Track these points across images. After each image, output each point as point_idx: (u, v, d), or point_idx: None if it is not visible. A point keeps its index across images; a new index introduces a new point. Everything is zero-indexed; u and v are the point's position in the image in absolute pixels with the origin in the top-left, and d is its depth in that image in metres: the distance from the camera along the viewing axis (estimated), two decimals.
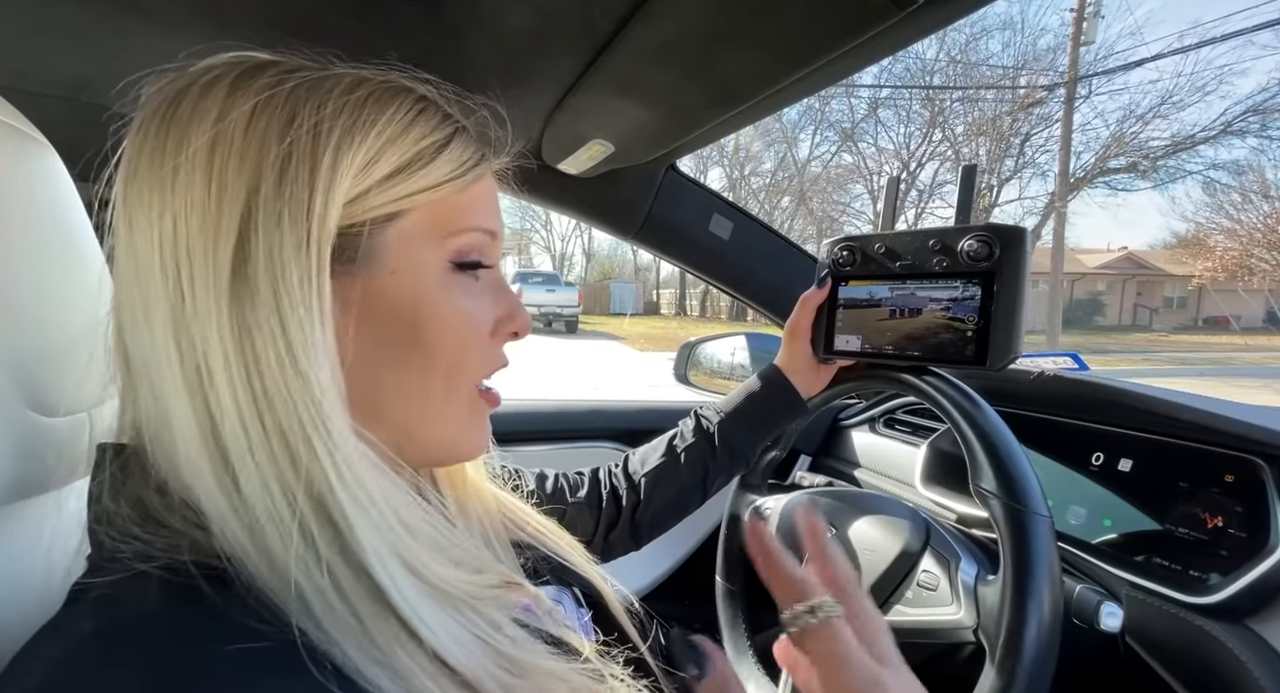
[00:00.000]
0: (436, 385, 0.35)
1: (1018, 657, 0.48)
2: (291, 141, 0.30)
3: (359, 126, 0.31)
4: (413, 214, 0.33)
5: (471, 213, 0.36)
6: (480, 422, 0.39)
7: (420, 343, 0.34)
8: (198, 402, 0.28)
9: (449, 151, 0.34)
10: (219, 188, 0.29)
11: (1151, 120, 14.55)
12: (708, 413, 0.69)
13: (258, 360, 0.28)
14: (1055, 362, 1.00)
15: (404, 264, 0.33)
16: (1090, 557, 0.69)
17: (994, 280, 0.56)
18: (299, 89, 0.31)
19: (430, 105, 0.35)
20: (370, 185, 0.32)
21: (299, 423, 0.27)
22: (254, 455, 0.27)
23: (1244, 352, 14.29)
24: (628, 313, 20.88)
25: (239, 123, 0.30)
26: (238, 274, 0.28)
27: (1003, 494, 0.53)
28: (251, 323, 0.28)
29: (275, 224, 0.29)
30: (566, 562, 0.47)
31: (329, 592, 0.26)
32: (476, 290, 0.37)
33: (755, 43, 0.51)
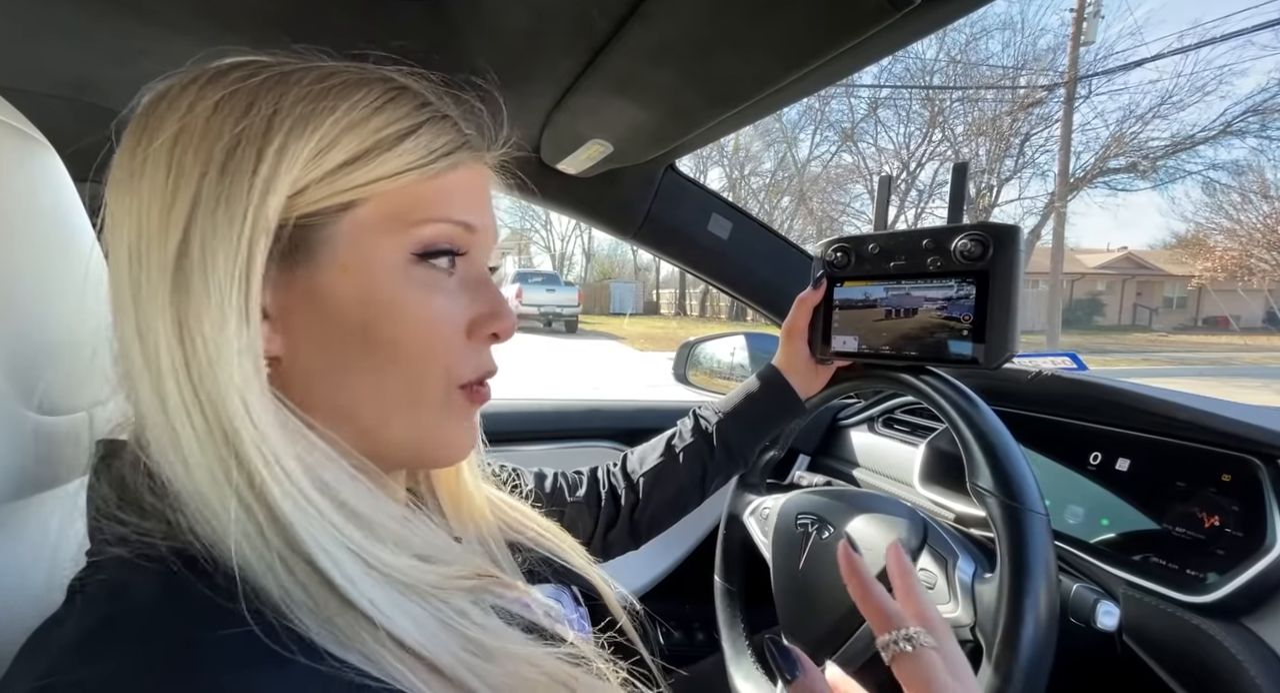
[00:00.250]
0: (397, 386, 0.33)
1: (1014, 655, 0.49)
2: (243, 129, 0.30)
3: (316, 114, 0.31)
4: (369, 204, 0.32)
5: (441, 203, 0.34)
6: (457, 423, 0.37)
7: (373, 341, 0.32)
8: (155, 392, 0.28)
9: (415, 139, 0.33)
10: (175, 177, 0.29)
11: (1151, 120, 14.56)
12: (706, 413, 0.69)
13: (193, 353, 0.28)
14: (1054, 361, 1.00)
15: (355, 258, 0.32)
16: (1088, 556, 0.69)
17: (988, 279, 0.57)
18: (268, 81, 0.31)
19: (405, 94, 0.33)
20: (322, 174, 0.31)
21: (230, 418, 0.27)
22: (200, 448, 0.27)
23: (1243, 352, 14.29)
24: (627, 313, 20.88)
25: (202, 114, 0.30)
26: (179, 265, 0.28)
27: (999, 492, 0.53)
28: (184, 315, 0.28)
29: (212, 213, 0.29)
30: (567, 563, 0.48)
31: (286, 582, 0.26)
32: (446, 286, 0.34)
33: (753, 43, 0.51)
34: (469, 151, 0.35)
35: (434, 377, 0.34)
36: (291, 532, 0.27)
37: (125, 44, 0.58)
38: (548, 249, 29.00)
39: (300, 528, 0.27)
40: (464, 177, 0.35)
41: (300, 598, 0.26)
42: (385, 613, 0.27)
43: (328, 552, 0.27)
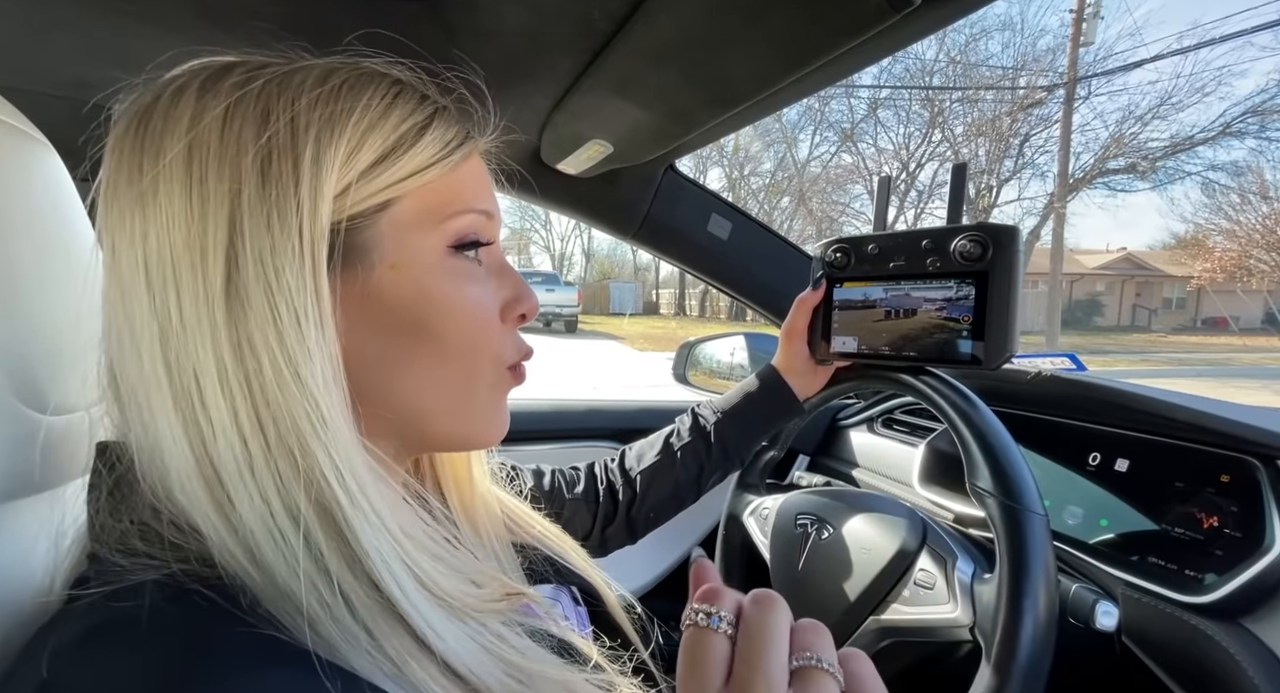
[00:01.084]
0: (453, 375, 0.35)
1: (1013, 655, 0.49)
2: (270, 138, 0.29)
3: (336, 117, 0.30)
4: (404, 201, 0.32)
5: (465, 194, 0.35)
6: (500, 406, 0.39)
7: (429, 334, 0.33)
8: (190, 423, 0.27)
9: (432, 132, 0.33)
10: (200, 198, 0.28)
11: (1150, 121, 14.58)
12: (704, 412, 0.69)
13: (259, 372, 0.27)
14: (1053, 362, 1.00)
15: (402, 255, 0.32)
16: (1087, 556, 0.69)
17: (988, 280, 0.57)
18: (269, 85, 0.30)
19: (406, 88, 0.34)
20: (356, 176, 0.31)
21: (302, 434, 0.27)
22: (253, 472, 0.26)
23: (1242, 353, 14.30)
24: (627, 313, 20.88)
25: (213, 127, 0.29)
26: (230, 284, 0.27)
27: (999, 493, 0.53)
28: (246, 334, 0.27)
29: (264, 227, 0.28)
30: (559, 557, 0.48)
31: (338, 607, 0.25)
32: (480, 275, 0.36)
33: (754, 43, 0.51)
34: (473, 140, 0.36)
35: (485, 363, 0.36)
36: (359, 550, 0.26)
37: (125, 43, 0.58)
38: (547, 249, 29.02)
39: (370, 546, 0.26)
40: (473, 166, 0.36)
41: (345, 618, 0.25)
42: (441, 636, 0.27)
43: (391, 571, 0.26)
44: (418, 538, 0.30)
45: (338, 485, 0.27)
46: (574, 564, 0.48)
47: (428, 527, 0.31)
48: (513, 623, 0.32)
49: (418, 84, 0.35)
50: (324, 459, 0.27)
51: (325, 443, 0.27)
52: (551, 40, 0.56)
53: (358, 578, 0.26)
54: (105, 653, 0.23)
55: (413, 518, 0.31)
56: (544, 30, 0.55)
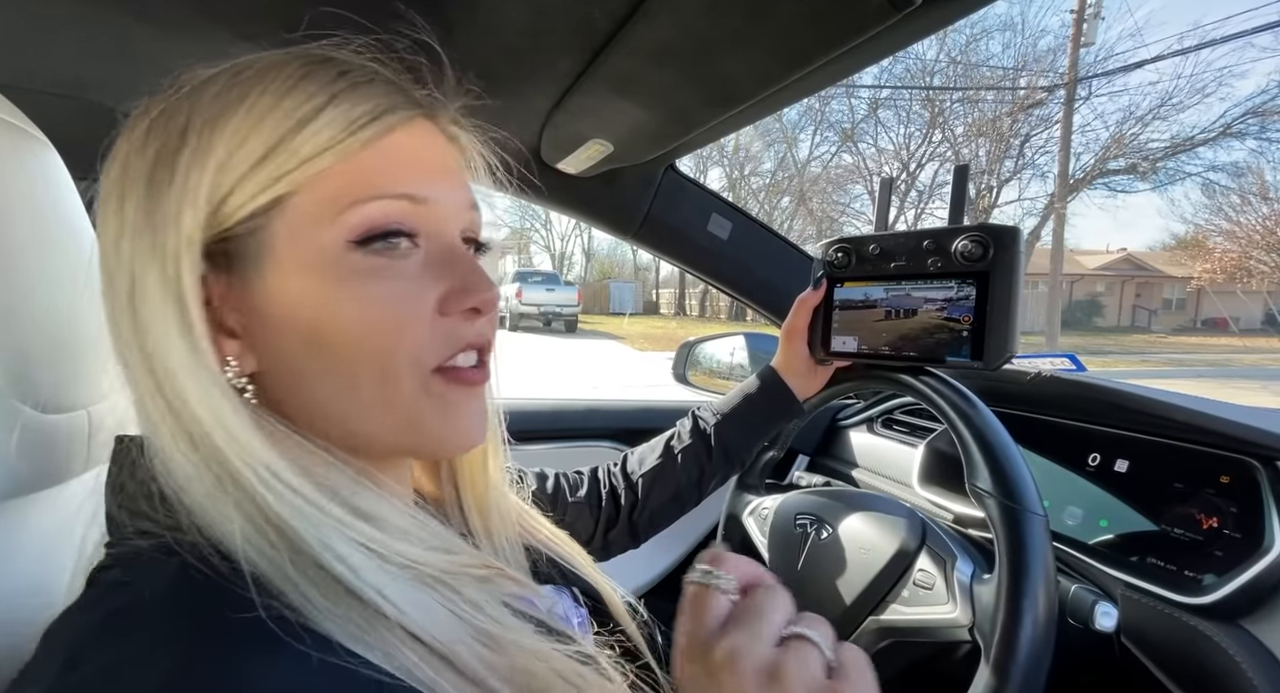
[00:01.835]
0: (365, 384, 0.31)
1: (1012, 656, 0.49)
2: (162, 145, 0.29)
3: (225, 112, 0.29)
4: (299, 195, 0.30)
5: (377, 177, 0.31)
6: (452, 411, 0.34)
7: (326, 343, 0.30)
8: (143, 413, 0.29)
9: (331, 111, 0.29)
10: (119, 205, 0.29)
11: (1151, 122, 14.58)
12: (704, 414, 0.69)
13: (163, 380, 0.28)
14: (1053, 362, 1.00)
15: (294, 257, 0.30)
16: (1086, 557, 0.69)
17: (988, 280, 0.57)
18: (188, 92, 0.30)
19: (323, 67, 0.31)
20: (240, 175, 0.29)
21: (209, 440, 0.28)
22: (191, 466, 0.28)
23: (1242, 354, 14.30)
24: (627, 312, 20.88)
25: (139, 136, 0.30)
26: (132, 297, 0.29)
27: (998, 493, 0.53)
28: (145, 345, 0.28)
29: (139, 240, 0.29)
30: (561, 558, 0.48)
31: (298, 580, 0.26)
32: (398, 270, 0.31)
33: (754, 43, 0.51)
34: (404, 112, 0.32)
35: (397, 367, 0.31)
36: (293, 534, 0.27)
37: (125, 42, 0.58)
38: (547, 249, 29.01)
39: (302, 530, 0.27)
40: (402, 142, 0.32)
41: (314, 596, 0.26)
42: (397, 606, 0.27)
43: (333, 549, 0.27)
44: (370, 512, 0.30)
45: (256, 481, 0.27)
46: (580, 569, 0.48)
47: (385, 500, 0.31)
48: (496, 597, 0.32)
49: (351, 60, 0.32)
50: (235, 459, 0.28)
51: (234, 444, 0.28)
52: (552, 39, 0.56)
53: (304, 556, 0.27)
54: (123, 636, 0.24)
55: (365, 495, 0.31)
56: (544, 29, 0.55)
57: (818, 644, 0.28)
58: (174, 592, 0.25)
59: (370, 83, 0.31)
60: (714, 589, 0.30)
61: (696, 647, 0.29)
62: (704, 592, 0.31)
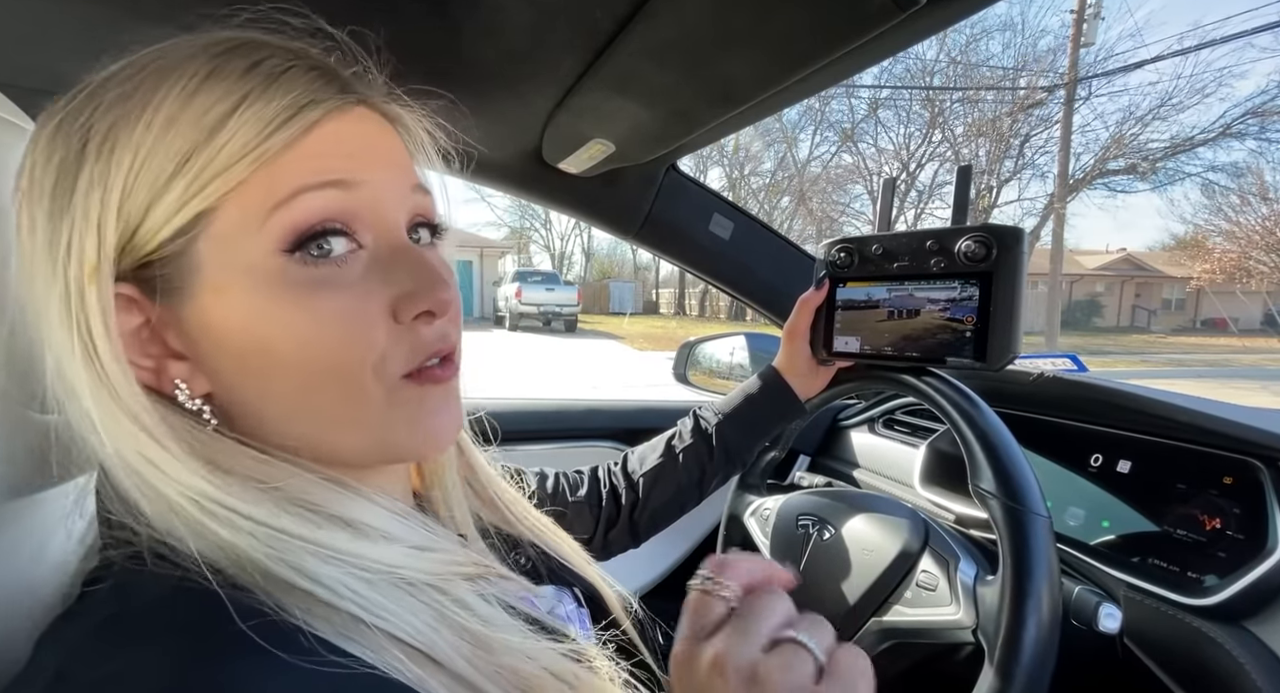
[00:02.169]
0: (329, 398, 0.29)
1: (1016, 657, 0.48)
2: (60, 163, 0.26)
3: (124, 124, 0.26)
4: (220, 210, 0.27)
5: (300, 173, 0.28)
6: (424, 412, 0.32)
7: (277, 361, 0.28)
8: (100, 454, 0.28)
9: (242, 114, 0.26)
10: (29, 228, 0.27)
11: (1151, 122, 14.60)
12: (706, 414, 0.69)
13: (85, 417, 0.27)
14: (1054, 363, 1.00)
15: (224, 275, 0.28)
16: (1088, 558, 0.69)
17: (992, 281, 0.56)
18: (90, 92, 0.27)
19: (231, 59, 0.27)
20: (150, 196, 0.26)
21: (139, 472, 0.27)
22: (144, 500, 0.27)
23: (1241, 354, 14.30)
24: (627, 312, 20.88)
25: (43, 148, 0.27)
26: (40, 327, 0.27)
27: (1002, 494, 0.53)
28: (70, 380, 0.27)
29: (39, 268, 0.27)
30: (562, 559, 0.47)
31: (275, 593, 0.26)
32: (340, 277, 0.29)
33: (757, 43, 0.50)
34: (329, 102, 0.29)
35: (361, 379, 0.30)
36: (253, 561, 0.26)
37: (128, 42, 0.57)
38: (547, 248, 29.00)
39: (262, 556, 0.26)
40: (327, 133, 0.29)
41: (292, 608, 0.26)
42: (375, 613, 0.27)
43: (301, 569, 0.26)
44: (345, 518, 0.29)
45: (202, 515, 0.26)
46: (571, 562, 0.48)
47: (361, 504, 0.31)
48: (488, 596, 0.32)
49: (263, 46, 0.29)
50: (178, 496, 0.26)
51: (170, 485, 0.26)
52: (554, 39, 0.56)
53: (272, 577, 0.26)
54: (114, 647, 0.23)
55: (338, 500, 0.30)
56: (546, 29, 0.54)
57: (809, 647, 0.28)
58: (160, 602, 0.25)
59: (287, 72, 0.28)
60: (713, 595, 0.31)
61: (689, 650, 0.29)
62: (703, 598, 0.31)
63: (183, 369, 0.30)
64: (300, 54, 0.30)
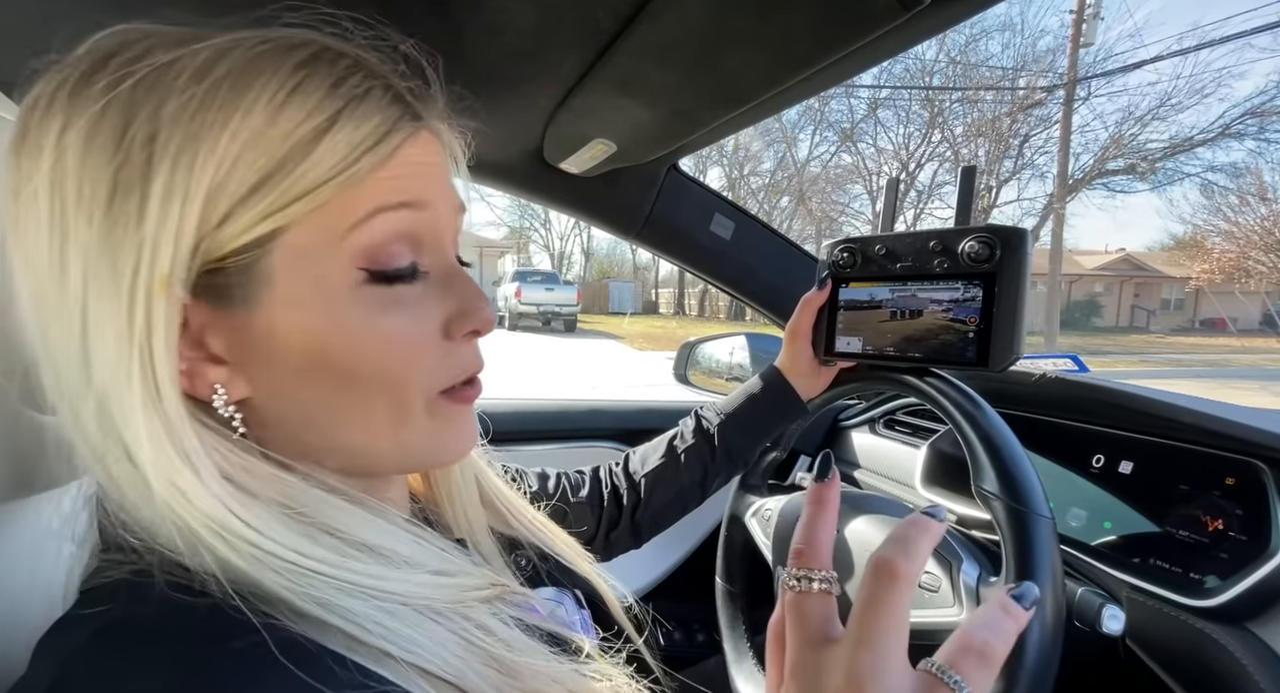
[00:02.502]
0: (379, 411, 0.31)
1: (1020, 659, 0.48)
2: (119, 167, 0.25)
3: (206, 131, 0.25)
4: (299, 225, 0.27)
5: (378, 194, 0.29)
6: (452, 427, 0.34)
7: (337, 375, 0.29)
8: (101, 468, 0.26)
9: (335, 135, 0.27)
10: (60, 235, 0.25)
11: (1150, 122, 14.62)
12: (708, 414, 0.69)
13: (111, 436, 0.26)
14: (1055, 363, 1.00)
15: (298, 290, 0.28)
16: (1090, 559, 0.69)
17: (995, 282, 0.56)
18: (144, 84, 0.25)
19: (316, 70, 0.27)
20: (230, 207, 0.26)
21: (173, 507, 0.25)
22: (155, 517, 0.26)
23: (1240, 354, 14.32)
24: (626, 312, 20.88)
25: (75, 145, 0.25)
26: (85, 349, 0.25)
27: (1005, 496, 0.53)
28: (101, 397, 0.25)
29: (95, 276, 0.25)
30: (563, 560, 0.47)
31: (300, 623, 0.25)
32: (406, 297, 0.30)
33: (760, 43, 0.50)
34: (408, 128, 0.29)
35: (411, 395, 0.31)
36: (280, 596, 0.25)
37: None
38: (547, 248, 29.00)
39: (289, 593, 0.25)
40: (406, 154, 0.30)
41: (315, 636, 0.25)
42: (404, 646, 0.26)
43: (325, 603, 0.26)
44: (370, 543, 0.29)
45: (232, 553, 0.25)
46: (569, 561, 0.48)
47: (385, 529, 0.30)
48: (504, 615, 0.32)
49: (344, 54, 0.29)
50: (200, 531, 0.25)
51: (198, 517, 0.25)
52: (556, 39, 0.56)
53: (297, 611, 0.25)
54: (115, 653, 0.23)
55: (364, 524, 0.29)
56: (549, 29, 0.54)
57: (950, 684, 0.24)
58: (164, 611, 0.24)
59: (370, 93, 0.28)
60: (811, 593, 0.28)
61: (812, 660, 0.26)
62: (802, 599, 0.28)
63: (221, 373, 0.29)
64: (375, 71, 0.29)
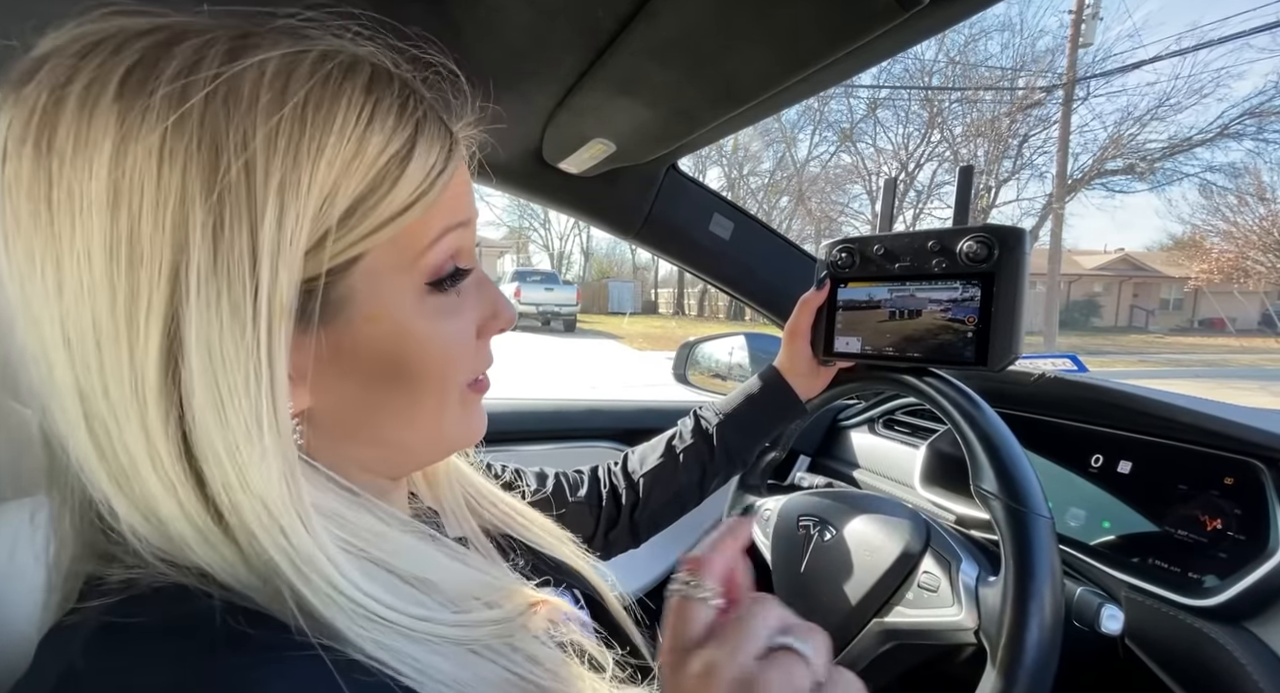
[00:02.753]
0: (428, 404, 0.33)
1: (1019, 659, 0.48)
2: (221, 193, 0.23)
3: (304, 157, 0.25)
4: (380, 247, 0.28)
5: (443, 214, 0.31)
6: (473, 414, 0.38)
7: (406, 377, 0.32)
8: (133, 500, 0.25)
9: (415, 161, 0.28)
10: (129, 260, 0.23)
11: (1149, 122, 14.62)
12: (707, 414, 0.69)
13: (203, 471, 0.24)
14: (1054, 363, 1.00)
15: (377, 307, 0.29)
16: (1089, 559, 0.69)
17: (993, 281, 0.56)
18: (214, 100, 0.24)
19: (381, 92, 0.27)
20: (327, 230, 0.26)
21: (252, 535, 0.24)
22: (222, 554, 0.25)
23: (1239, 354, 14.34)
24: (626, 312, 20.87)
25: (146, 166, 0.23)
26: (168, 371, 0.24)
27: (1004, 495, 0.53)
28: (186, 428, 0.24)
29: (213, 308, 0.23)
30: (563, 561, 0.47)
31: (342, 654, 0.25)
32: (456, 305, 0.33)
33: (759, 42, 0.50)
34: (458, 148, 0.31)
35: (451, 390, 0.35)
36: (333, 629, 0.25)
37: None
38: (546, 248, 28.98)
39: (342, 626, 0.25)
40: (458, 172, 0.32)
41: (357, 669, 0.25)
42: (452, 688, 0.27)
43: (388, 649, 0.26)
44: (429, 580, 0.29)
45: (307, 590, 0.25)
46: (567, 559, 0.48)
47: (435, 559, 0.31)
48: (544, 637, 0.32)
49: (391, 77, 0.29)
50: (284, 563, 0.25)
51: (287, 549, 0.25)
52: (555, 39, 0.56)
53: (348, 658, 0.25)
54: (121, 649, 0.23)
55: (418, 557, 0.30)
56: (548, 28, 0.54)
57: (805, 656, 0.27)
58: (171, 608, 0.24)
59: (428, 115, 0.29)
60: (695, 599, 0.29)
61: (676, 660, 0.28)
62: (685, 603, 0.29)
63: None
64: (420, 90, 0.30)
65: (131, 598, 0.25)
